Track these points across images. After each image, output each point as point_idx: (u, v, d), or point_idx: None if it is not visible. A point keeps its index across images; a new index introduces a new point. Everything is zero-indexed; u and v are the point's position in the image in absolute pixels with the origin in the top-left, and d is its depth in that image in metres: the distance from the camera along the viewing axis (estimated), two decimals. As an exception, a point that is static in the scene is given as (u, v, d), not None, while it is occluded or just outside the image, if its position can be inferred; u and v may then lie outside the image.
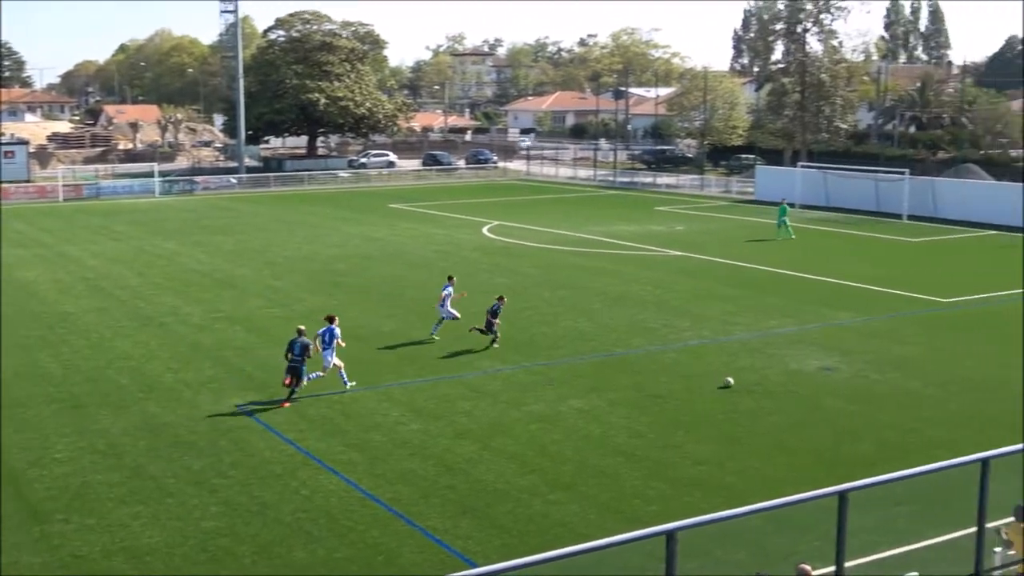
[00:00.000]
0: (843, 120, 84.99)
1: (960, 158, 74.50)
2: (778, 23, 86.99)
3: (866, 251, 48.97)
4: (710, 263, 44.33)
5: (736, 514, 9.64)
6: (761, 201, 68.70)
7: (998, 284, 39.34)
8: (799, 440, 21.89)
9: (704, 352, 29.14)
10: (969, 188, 62.18)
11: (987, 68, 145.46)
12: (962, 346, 29.90)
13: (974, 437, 21.21)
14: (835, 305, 35.61)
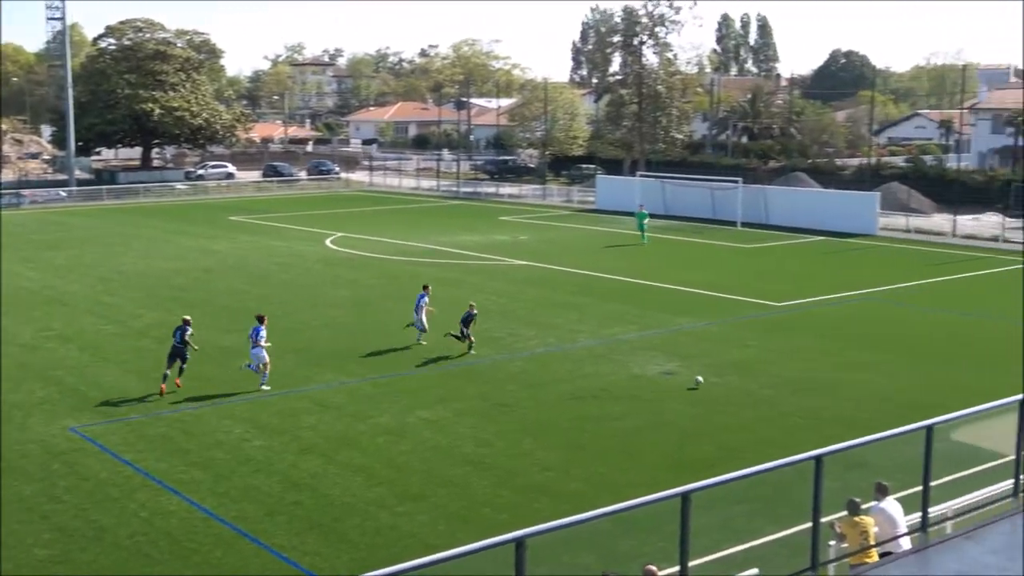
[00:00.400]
0: (679, 131, 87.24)
1: (789, 167, 77.31)
2: (615, 36, 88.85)
3: (703, 258, 50.31)
4: (554, 272, 44.85)
5: (583, 519, 9.75)
6: (602, 210, 69.88)
7: (826, 288, 40.92)
8: (643, 444, 22.32)
9: (550, 360, 29.44)
10: (798, 196, 64.56)
11: (813, 81, 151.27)
12: (794, 348, 30.98)
13: (808, 436, 21.98)
14: (675, 311, 36.45)
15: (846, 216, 58.99)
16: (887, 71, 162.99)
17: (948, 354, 30.34)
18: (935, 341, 32.41)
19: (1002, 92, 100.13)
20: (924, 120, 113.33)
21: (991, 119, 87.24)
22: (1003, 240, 54.97)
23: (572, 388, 26.57)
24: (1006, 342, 32.15)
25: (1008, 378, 25.90)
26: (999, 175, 73.59)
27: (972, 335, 33.44)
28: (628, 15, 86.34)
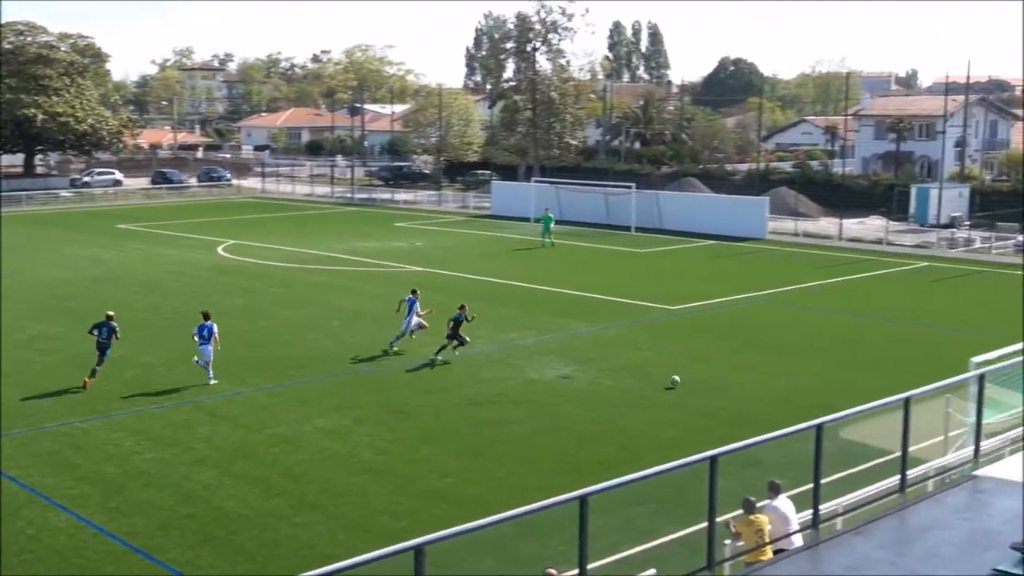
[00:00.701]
0: (573, 136, 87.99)
1: (681, 172, 78.53)
2: (508, 42, 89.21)
3: (598, 262, 50.78)
4: (451, 278, 44.81)
5: (483, 524, 9.75)
6: (497, 216, 70.07)
7: (718, 291, 41.63)
8: (541, 448, 22.43)
9: (447, 366, 29.39)
10: (690, 200, 65.61)
11: (703, 87, 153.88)
12: (688, 351, 31.45)
13: (703, 436, 22.33)
14: (571, 315, 36.72)
15: (737, 220, 60.13)
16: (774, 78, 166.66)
17: (837, 354, 31.10)
18: (824, 342, 33.18)
19: (884, 99, 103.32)
20: (810, 126, 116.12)
21: (874, 125, 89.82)
22: (887, 243, 56.59)
23: (470, 394, 26.58)
24: (892, 342, 33.12)
25: (894, 377, 26.65)
26: (882, 179, 75.81)
27: (860, 335, 34.32)
28: (521, 22, 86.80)
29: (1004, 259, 52.07)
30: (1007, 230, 58.20)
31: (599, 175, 77.43)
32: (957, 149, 79.46)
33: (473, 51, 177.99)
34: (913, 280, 45.90)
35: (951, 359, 24.88)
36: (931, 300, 41.35)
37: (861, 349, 32.01)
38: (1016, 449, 15.23)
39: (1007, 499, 12.69)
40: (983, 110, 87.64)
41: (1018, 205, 63.86)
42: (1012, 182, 73.50)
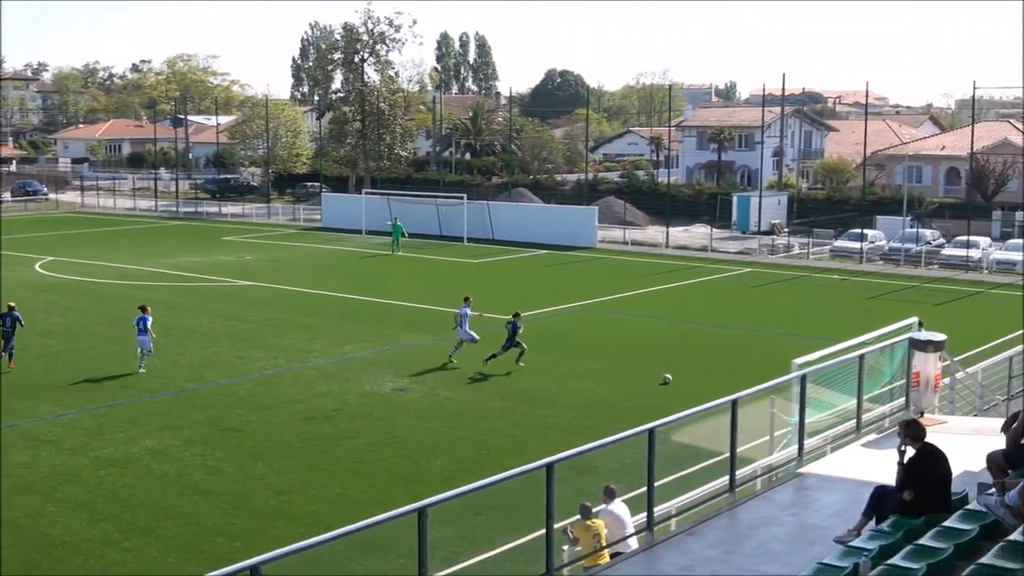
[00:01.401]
0: (403, 148, 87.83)
1: (512, 183, 79.26)
2: (336, 53, 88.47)
3: (432, 274, 50.80)
4: (282, 292, 44.12)
5: (319, 541, 9.65)
6: (328, 228, 69.37)
7: (550, 300, 42.17)
8: (378, 461, 22.29)
9: (280, 382, 28.95)
10: (521, 211, 66.29)
11: (531, 99, 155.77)
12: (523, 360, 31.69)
13: (539, 444, 22.57)
14: (406, 327, 36.62)
15: (567, 230, 61.05)
16: (600, 90, 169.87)
17: (666, 359, 31.84)
18: (654, 347, 33.96)
19: (705, 110, 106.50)
20: (636, 137, 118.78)
21: (696, 136, 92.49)
22: (711, 250, 58.39)
23: (304, 409, 26.23)
24: (719, 346, 34.17)
25: (722, 380, 27.46)
26: (705, 189, 78.20)
27: (688, 340, 35.29)
28: (348, 32, 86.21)
29: (821, 264, 54.34)
30: (823, 236, 60.79)
31: (430, 186, 77.52)
32: (775, 158, 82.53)
33: (299, 61, 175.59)
34: (737, 285, 47.47)
35: (775, 361, 25.79)
36: (754, 305, 42.81)
37: (690, 354, 32.91)
38: (837, 446, 15.92)
39: (830, 495, 13.25)
40: (798, 121, 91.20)
41: (832, 212, 66.83)
42: (826, 190, 76.85)
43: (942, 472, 10.91)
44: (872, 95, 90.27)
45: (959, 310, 40.12)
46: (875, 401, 17.58)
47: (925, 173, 78.75)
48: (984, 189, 68.15)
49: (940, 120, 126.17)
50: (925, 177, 78.53)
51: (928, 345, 16.72)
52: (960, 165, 73.76)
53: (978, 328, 35.91)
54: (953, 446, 12.28)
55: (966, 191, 69.84)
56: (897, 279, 49.13)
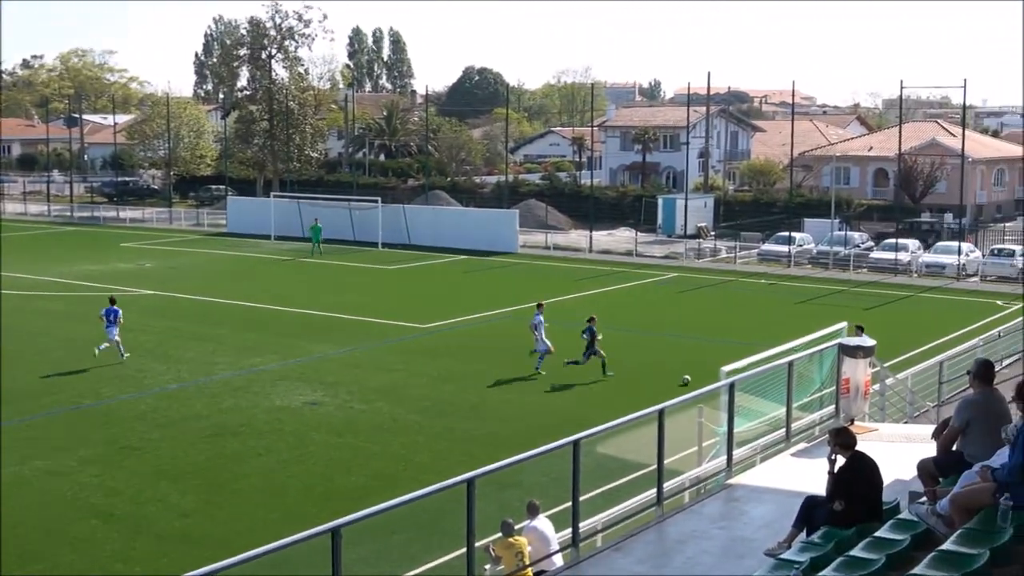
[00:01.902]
0: (313, 149, 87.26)
1: (429, 185, 79.15)
2: (241, 48, 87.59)
3: (345, 281, 50.49)
4: (185, 301, 43.53)
5: (228, 564, 9.50)
6: (234, 233, 68.63)
7: (470, 308, 42.18)
8: (288, 478, 22.09)
9: (184, 396, 28.54)
10: (439, 215, 66.21)
11: (448, 97, 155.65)
12: (440, 370, 31.69)
13: (457, 458, 22.54)
14: (318, 338, 36.35)
15: (487, 234, 61.12)
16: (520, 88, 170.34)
17: (590, 368, 32.01)
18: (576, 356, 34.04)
19: (629, 110, 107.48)
20: (557, 137, 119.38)
21: (620, 136, 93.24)
22: (636, 254, 58.88)
23: (210, 425, 25.90)
24: (645, 353, 34.42)
25: (649, 389, 27.72)
26: (629, 191, 78.86)
27: (613, 348, 35.43)
28: (254, 27, 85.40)
29: (749, 268, 55.11)
30: (750, 239, 61.64)
31: (343, 189, 77.10)
32: (700, 160, 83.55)
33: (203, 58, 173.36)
34: (663, 291, 47.93)
35: (702, 369, 26.10)
36: (681, 310, 43.25)
37: (614, 362, 33.07)
38: (767, 456, 16.12)
39: (760, 506, 13.41)
40: (724, 121, 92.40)
41: (760, 214, 67.81)
42: (753, 192, 77.93)
43: (873, 481, 11.10)
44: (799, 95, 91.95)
45: (889, 315, 40.94)
46: (805, 409, 17.85)
47: (853, 174, 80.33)
48: (912, 191, 69.66)
49: (868, 120, 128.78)
50: (853, 178, 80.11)
51: (858, 351, 17.02)
52: (888, 166, 75.34)
53: (908, 333, 36.69)
54: (884, 454, 12.50)
55: (894, 193, 71.34)
56: (826, 283, 50.00)
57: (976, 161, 74.57)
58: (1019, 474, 8.92)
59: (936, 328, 38.06)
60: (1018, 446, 9.06)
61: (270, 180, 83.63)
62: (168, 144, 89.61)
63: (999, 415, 10.74)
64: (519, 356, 33.71)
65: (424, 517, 17.74)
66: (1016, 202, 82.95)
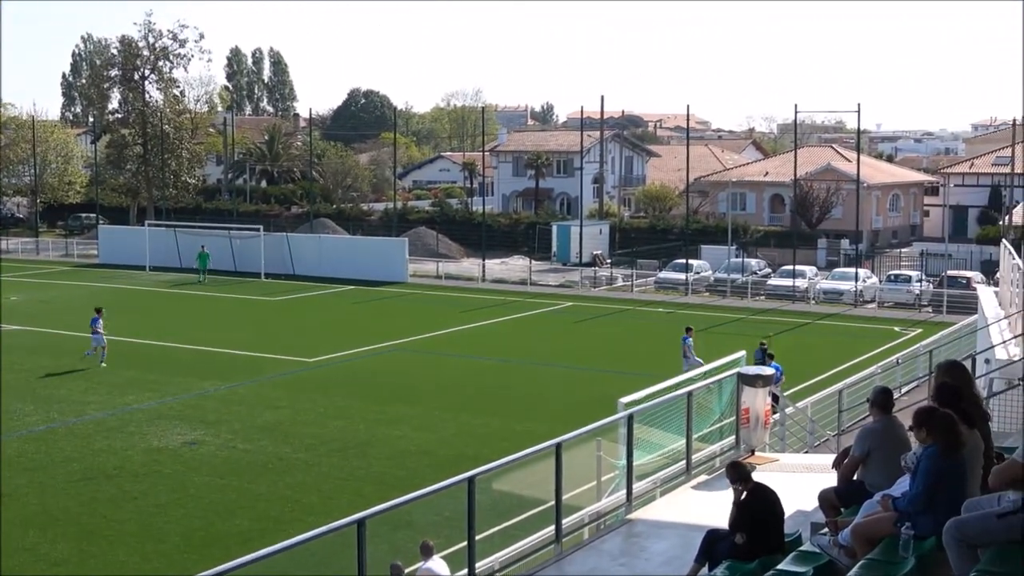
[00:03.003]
0: (191, 174, 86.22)
1: (313, 212, 78.65)
2: (112, 69, 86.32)
3: (227, 314, 49.87)
4: (54, 336, 42.54)
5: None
6: (106, 264, 67.33)
7: (358, 340, 41.96)
8: (167, 523, 21.67)
9: (53, 438, 27.85)
10: (324, 243, 65.76)
11: (332, 121, 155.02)
12: (328, 406, 31.44)
13: (348, 498, 22.39)
14: (198, 374, 35.80)
15: (375, 263, 60.91)
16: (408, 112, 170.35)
17: (484, 402, 32.09)
18: (470, 389, 34.15)
19: (521, 134, 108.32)
20: (448, 163, 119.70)
21: (512, 161, 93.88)
22: (531, 283, 59.20)
23: (82, 468, 25.31)
24: (541, 386, 34.61)
25: (544, 422, 27.87)
26: (523, 218, 79.38)
27: (507, 381, 35.63)
28: (126, 47, 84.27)
29: (646, 296, 55.79)
30: (647, 267, 62.46)
31: (223, 217, 76.29)
32: (595, 185, 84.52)
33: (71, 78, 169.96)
34: (559, 321, 48.25)
35: (600, 400, 26.29)
36: (577, 341, 43.56)
37: (509, 395, 33.23)
38: (667, 489, 16.32)
39: (661, 541, 13.57)
40: (618, 146, 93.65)
41: (655, 241, 68.80)
42: (649, 218, 79.01)
43: (774, 512, 11.32)
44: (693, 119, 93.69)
45: (787, 342, 41.76)
46: (705, 440, 18.10)
47: (749, 200, 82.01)
48: (809, 216, 71.38)
49: (763, 145, 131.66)
50: (749, 204, 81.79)
51: (757, 380, 17.36)
52: (784, 192, 77.09)
53: (807, 360, 37.49)
54: (785, 484, 12.77)
55: (791, 218, 72.98)
56: (724, 311, 50.85)
57: (871, 186, 76.75)
58: (919, 503, 9.18)
59: (835, 355, 38.97)
60: (918, 474, 9.32)
61: (144, 208, 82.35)
62: (34, 170, 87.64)
63: (899, 443, 11.02)
64: (409, 390, 33.64)
65: (312, 561, 17.51)
66: (911, 227, 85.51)
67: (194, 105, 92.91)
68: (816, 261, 64.38)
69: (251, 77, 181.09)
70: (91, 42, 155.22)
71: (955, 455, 9.19)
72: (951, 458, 9.17)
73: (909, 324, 46.82)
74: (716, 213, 77.81)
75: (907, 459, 9.88)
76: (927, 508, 9.12)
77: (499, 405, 31.72)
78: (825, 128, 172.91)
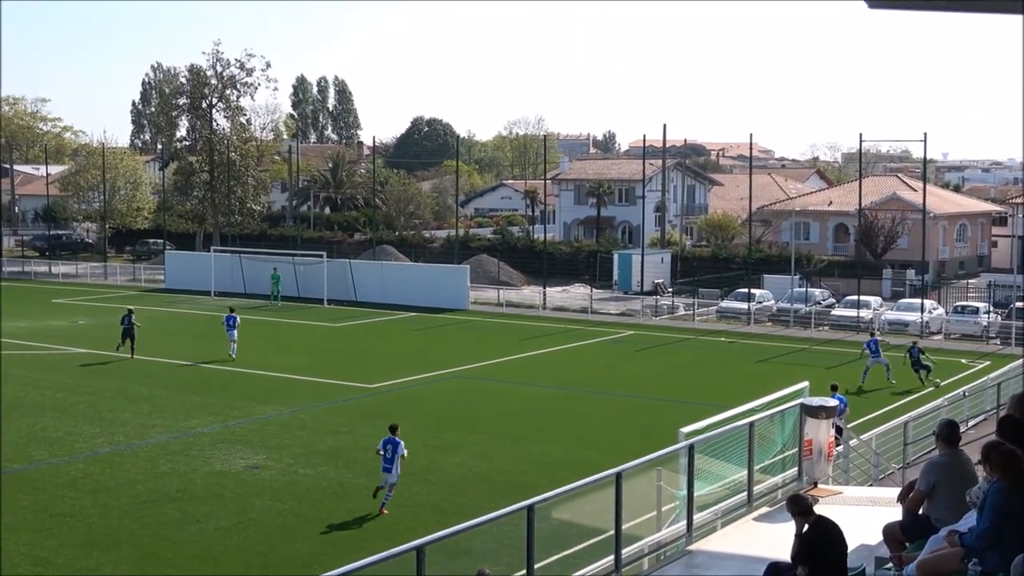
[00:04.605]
0: (256, 201, 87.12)
1: (376, 239, 79.18)
2: (181, 97, 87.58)
3: (289, 339, 50.23)
4: (121, 360, 43.06)
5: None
6: (172, 289, 68.18)
7: (419, 367, 42.06)
8: (229, 547, 21.80)
9: (118, 460, 28.16)
10: (386, 270, 66.12)
11: (396, 149, 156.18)
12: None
13: (406, 524, 22.42)
14: (260, 399, 36.07)
15: (436, 290, 61.11)
16: (470, 140, 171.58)
17: (543, 430, 32.01)
18: (530, 417, 34.09)
19: (583, 163, 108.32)
20: (509, 190, 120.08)
21: (574, 190, 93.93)
22: (592, 311, 59.05)
23: (145, 490, 25.55)
24: (600, 414, 34.47)
25: (605, 451, 27.74)
26: (584, 246, 79.27)
27: (567, 409, 35.50)
28: (195, 75, 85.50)
29: (707, 326, 55.46)
30: (709, 296, 62.08)
31: (287, 243, 76.97)
32: (657, 214, 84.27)
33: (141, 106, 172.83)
34: (619, 349, 48.07)
35: (661, 430, 26.14)
36: (638, 369, 43.38)
37: (569, 423, 33.11)
38: (728, 521, 16.15)
39: (721, 572, 13.43)
40: (680, 174, 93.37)
41: (717, 270, 68.39)
42: (711, 247, 78.62)
43: (837, 546, 11.16)
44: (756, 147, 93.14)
45: (852, 373, 41.26)
46: (767, 471, 17.92)
47: (813, 229, 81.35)
48: (873, 246, 70.62)
49: (827, 174, 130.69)
50: (813, 234, 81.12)
51: (820, 411, 17.15)
52: (848, 221, 76.39)
53: (872, 392, 37.00)
54: (848, 518, 12.59)
55: (855, 248, 72.27)
56: (786, 341, 50.40)
57: (938, 216, 75.82)
58: (987, 539, 9.01)
59: (900, 387, 38.45)
60: (985, 510, 9.15)
61: (210, 234, 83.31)
62: (103, 196, 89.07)
63: (965, 477, 10.85)
64: (470, 417, 33.66)
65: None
66: (979, 258, 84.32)
67: (260, 133, 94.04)
68: (881, 292, 63.63)
69: (316, 105, 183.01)
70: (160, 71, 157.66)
71: (1021, 490, 9.01)
72: (1018, 493, 8.99)
73: (977, 356, 46.12)
74: (779, 242, 77.22)
75: (973, 494, 9.71)
76: (994, 544, 8.95)
77: (558, 433, 31.62)
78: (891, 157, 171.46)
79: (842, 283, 63.67)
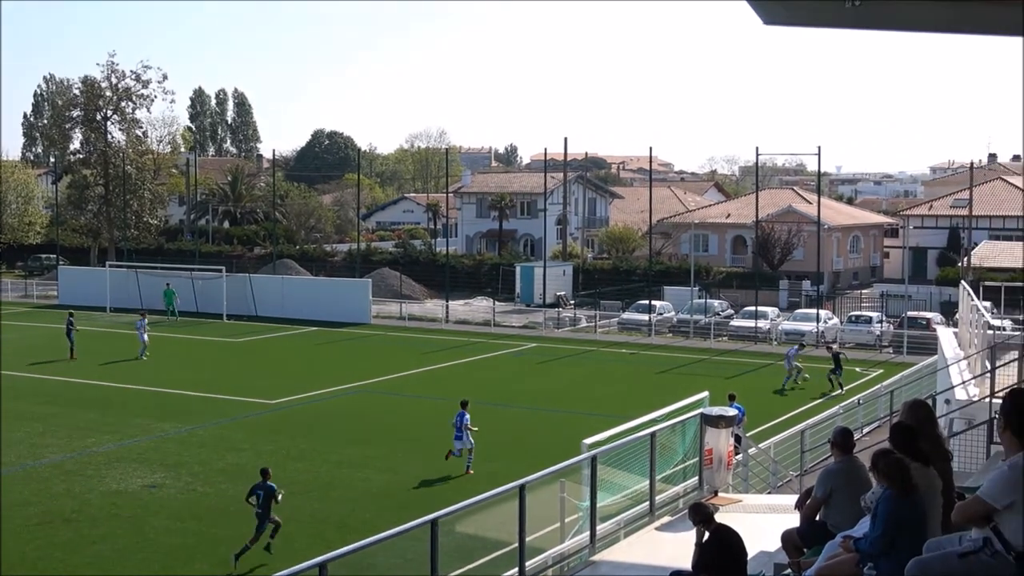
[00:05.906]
0: (152, 215, 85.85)
1: (276, 253, 78.49)
2: (74, 110, 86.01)
3: (188, 355, 49.48)
4: (11, 379, 42.04)
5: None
6: (65, 305, 66.72)
7: (321, 382, 41.75)
8: (126, 568, 21.40)
9: (10, 482, 27.45)
10: (287, 284, 65.56)
11: (296, 162, 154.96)
12: (290, 448, 31.21)
13: (310, 541, 22.17)
14: (158, 416, 35.48)
15: (338, 304, 60.74)
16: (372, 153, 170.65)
17: (447, 443, 31.87)
18: (433, 431, 33.91)
19: (485, 176, 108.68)
20: (412, 204, 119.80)
21: (476, 203, 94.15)
22: (494, 324, 59.15)
23: (39, 512, 24.96)
24: (504, 427, 34.52)
25: (506, 464, 27.79)
26: (487, 259, 79.49)
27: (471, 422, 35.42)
28: (89, 87, 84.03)
29: (609, 337, 55.89)
30: (610, 308, 62.59)
31: (185, 258, 75.89)
32: (559, 227, 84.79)
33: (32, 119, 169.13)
34: (521, 362, 48.22)
35: (563, 441, 26.27)
36: (541, 382, 43.54)
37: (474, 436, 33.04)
38: (631, 531, 16.29)
39: (624, 583, 13.52)
40: (582, 187, 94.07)
41: (618, 282, 69.01)
42: (612, 259, 79.31)
43: (737, 553, 11.32)
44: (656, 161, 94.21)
45: (750, 383, 41.90)
46: (668, 481, 18.11)
47: (711, 241, 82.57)
48: (770, 258, 71.86)
49: (725, 187, 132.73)
50: (712, 246, 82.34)
51: (720, 421, 17.40)
52: (746, 233, 77.66)
53: (769, 401, 37.59)
54: (748, 525, 12.78)
55: (752, 260, 73.47)
56: (687, 352, 51.00)
57: (832, 228, 77.43)
58: (880, 545, 9.20)
59: (797, 396, 39.12)
60: (877, 517, 9.35)
61: (105, 248, 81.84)
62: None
63: (860, 483, 11.07)
64: (373, 431, 33.49)
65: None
66: (872, 268, 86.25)
67: (157, 146, 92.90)
68: (778, 302, 64.74)
69: (214, 118, 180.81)
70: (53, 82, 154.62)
71: (910, 496, 9.23)
72: (906, 499, 9.21)
73: (870, 365, 47.12)
74: (679, 254, 78.24)
75: (867, 499, 9.92)
76: (888, 550, 9.14)
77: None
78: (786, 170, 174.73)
79: (740, 294, 64.63)
